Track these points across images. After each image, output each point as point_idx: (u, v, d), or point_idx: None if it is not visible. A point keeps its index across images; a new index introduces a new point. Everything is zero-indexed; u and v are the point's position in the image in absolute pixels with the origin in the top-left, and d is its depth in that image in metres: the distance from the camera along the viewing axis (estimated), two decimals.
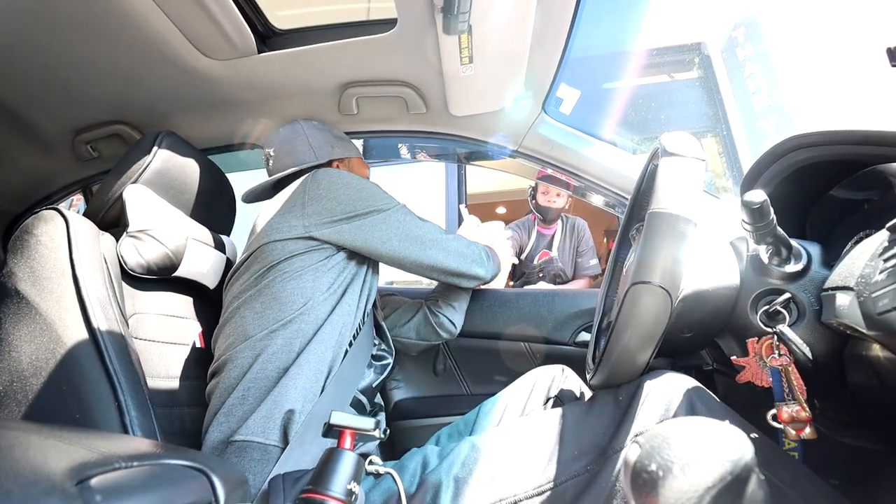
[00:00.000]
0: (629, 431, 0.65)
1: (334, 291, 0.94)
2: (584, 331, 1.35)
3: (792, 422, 0.67)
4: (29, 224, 0.86)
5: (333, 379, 0.89)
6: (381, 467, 0.73)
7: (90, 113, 1.27)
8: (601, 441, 0.67)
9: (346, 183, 0.97)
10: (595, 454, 0.66)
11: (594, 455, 0.65)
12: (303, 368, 0.87)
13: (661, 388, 0.66)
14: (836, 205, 0.83)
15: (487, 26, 0.94)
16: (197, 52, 1.07)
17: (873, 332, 0.53)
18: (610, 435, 0.66)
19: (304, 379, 0.86)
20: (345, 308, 0.95)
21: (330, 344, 0.90)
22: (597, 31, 4.35)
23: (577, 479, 0.64)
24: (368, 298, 1.03)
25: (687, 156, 0.67)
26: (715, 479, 0.36)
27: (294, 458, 0.80)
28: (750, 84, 4.07)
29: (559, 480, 0.65)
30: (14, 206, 1.51)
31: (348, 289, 0.97)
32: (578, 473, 0.65)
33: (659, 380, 0.68)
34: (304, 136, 1.19)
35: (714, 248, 0.82)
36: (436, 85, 1.19)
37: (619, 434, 0.65)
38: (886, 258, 0.53)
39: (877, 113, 3.26)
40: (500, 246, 1.26)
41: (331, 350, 0.90)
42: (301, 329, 0.89)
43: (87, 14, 0.94)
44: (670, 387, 0.66)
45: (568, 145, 1.33)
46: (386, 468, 0.73)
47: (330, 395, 0.87)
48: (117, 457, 0.42)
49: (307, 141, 1.18)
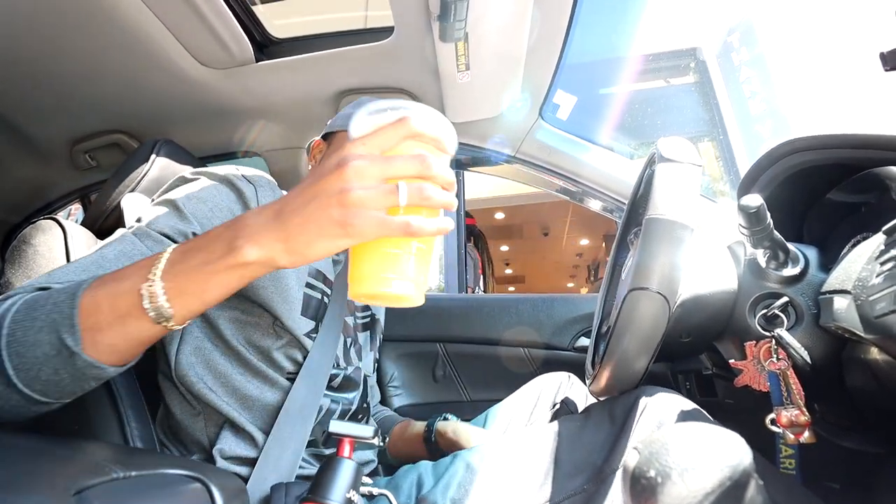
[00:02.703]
0: (625, 449, 0.64)
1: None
2: (584, 336, 1.35)
3: (791, 426, 0.66)
4: (26, 234, 0.86)
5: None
6: (375, 488, 0.72)
7: (88, 122, 1.27)
8: (596, 460, 0.66)
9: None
10: (591, 472, 0.65)
11: (590, 473, 0.65)
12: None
13: (656, 408, 0.66)
14: (833, 208, 0.84)
15: (484, 33, 0.95)
16: (195, 61, 1.07)
17: (871, 336, 0.53)
18: (606, 453, 0.66)
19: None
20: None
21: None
22: (593, 37, 4.38)
23: (575, 497, 0.64)
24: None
25: (683, 161, 0.68)
26: (714, 484, 0.36)
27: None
28: (746, 88, 4.09)
29: (556, 499, 0.65)
30: (12, 216, 1.51)
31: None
32: (576, 492, 0.64)
33: (654, 398, 0.67)
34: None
35: (711, 252, 0.82)
36: (433, 92, 1.19)
37: (614, 453, 0.65)
38: (883, 261, 0.54)
39: (872, 116, 3.28)
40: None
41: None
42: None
43: (85, 24, 0.94)
44: (664, 406, 0.66)
45: (565, 151, 1.34)
46: (380, 489, 0.72)
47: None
48: (115, 467, 0.42)
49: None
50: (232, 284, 0.48)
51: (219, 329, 0.74)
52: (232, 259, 0.45)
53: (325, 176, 0.44)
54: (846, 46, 3.70)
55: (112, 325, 0.46)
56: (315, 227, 0.44)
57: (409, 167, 0.44)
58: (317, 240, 0.44)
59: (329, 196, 0.43)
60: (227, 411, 0.72)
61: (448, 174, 0.47)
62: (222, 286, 0.47)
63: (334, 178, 0.43)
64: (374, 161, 0.44)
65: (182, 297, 0.46)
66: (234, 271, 0.46)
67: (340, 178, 0.43)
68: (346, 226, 0.43)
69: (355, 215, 0.42)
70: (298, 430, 0.75)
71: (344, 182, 0.43)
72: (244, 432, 0.73)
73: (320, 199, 0.43)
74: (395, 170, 0.44)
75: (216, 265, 0.46)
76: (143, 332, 0.47)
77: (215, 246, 0.46)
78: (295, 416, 0.74)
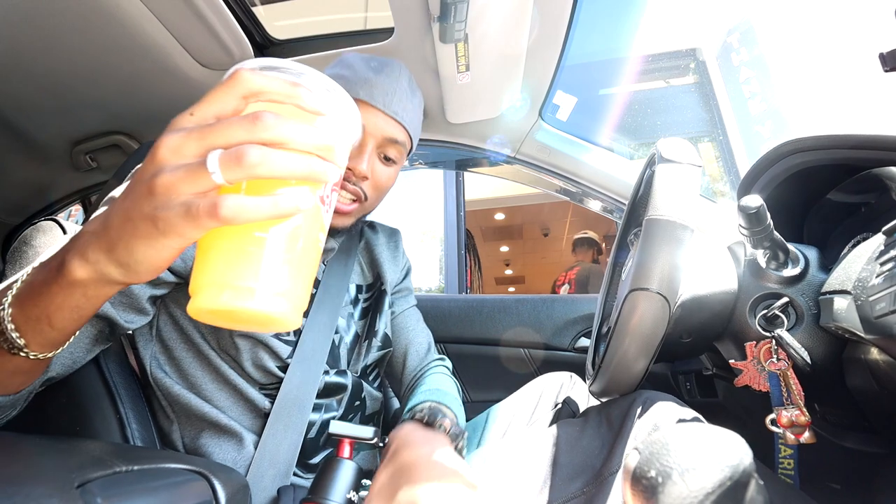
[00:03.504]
0: (622, 452, 0.65)
1: None
2: (584, 336, 1.35)
3: (791, 426, 0.67)
4: (27, 235, 0.86)
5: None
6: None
7: (88, 123, 1.27)
8: (595, 463, 0.67)
9: None
10: (590, 475, 0.66)
11: (589, 476, 0.66)
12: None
13: (652, 411, 0.66)
14: (833, 208, 0.84)
15: (484, 34, 0.95)
16: (195, 62, 1.08)
17: (871, 336, 0.53)
18: (604, 456, 0.66)
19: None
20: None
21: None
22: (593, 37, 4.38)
23: (574, 500, 0.64)
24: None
25: (683, 162, 0.68)
26: (714, 484, 0.36)
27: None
28: (745, 89, 4.09)
29: (556, 503, 0.65)
30: (13, 217, 1.51)
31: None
32: (575, 495, 0.65)
33: (650, 402, 0.67)
34: None
35: (712, 253, 0.82)
36: (433, 93, 1.19)
37: (612, 456, 0.65)
38: (883, 262, 0.54)
39: (872, 117, 3.28)
40: None
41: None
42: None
43: (85, 25, 0.94)
44: (660, 409, 0.66)
45: (565, 151, 1.34)
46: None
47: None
48: (117, 461, 0.42)
49: None
50: (81, 306, 0.40)
51: (188, 332, 0.74)
52: (63, 278, 0.38)
53: (142, 166, 0.35)
54: (846, 47, 3.70)
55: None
56: (130, 227, 0.35)
57: (233, 132, 0.33)
58: (135, 244, 0.35)
59: (140, 185, 0.34)
60: (205, 414, 0.72)
61: (309, 136, 0.34)
62: (68, 309, 0.40)
63: (147, 161, 0.34)
64: (190, 133, 0.34)
65: (29, 323, 0.40)
66: (72, 291, 0.38)
67: (153, 161, 0.34)
68: (156, 221, 0.33)
69: (164, 205, 0.33)
70: (294, 423, 0.73)
71: (156, 165, 0.34)
72: (228, 434, 0.72)
73: (133, 190, 0.35)
74: (215, 137, 0.33)
75: (51, 286, 0.39)
76: (7, 363, 0.43)
77: (52, 263, 0.39)
78: (290, 407, 0.73)
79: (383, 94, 0.76)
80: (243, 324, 0.38)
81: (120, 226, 0.35)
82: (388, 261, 0.98)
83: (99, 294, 0.40)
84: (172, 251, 0.36)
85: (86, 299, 0.40)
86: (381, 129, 0.76)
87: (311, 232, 0.37)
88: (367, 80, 0.76)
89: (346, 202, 0.77)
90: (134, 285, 0.65)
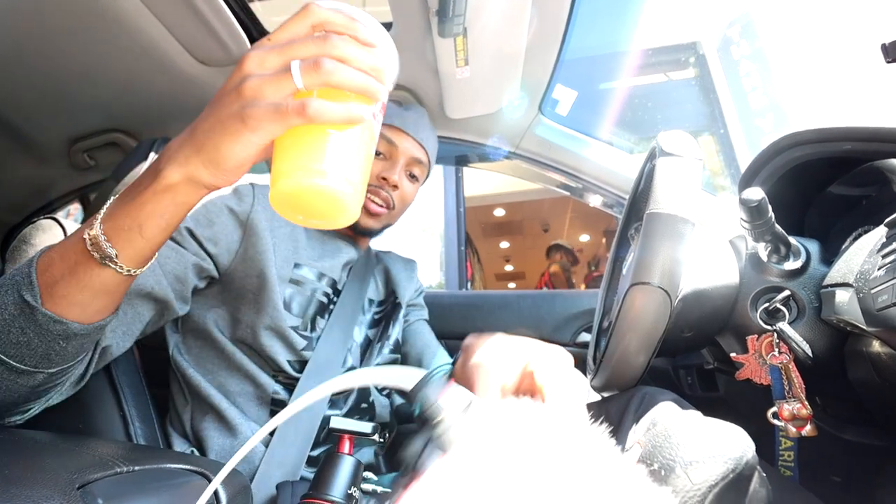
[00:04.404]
0: (620, 451, 0.64)
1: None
2: (585, 331, 1.35)
3: (793, 419, 0.67)
4: (26, 234, 0.86)
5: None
6: (379, 486, 0.72)
7: (86, 121, 1.26)
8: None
9: None
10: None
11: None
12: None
13: (650, 407, 0.65)
14: (834, 201, 0.83)
15: (483, 28, 0.94)
16: (192, 58, 1.07)
17: (873, 329, 0.53)
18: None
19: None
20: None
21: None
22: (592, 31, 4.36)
23: None
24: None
25: (684, 155, 0.67)
26: (717, 477, 0.36)
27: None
28: (746, 82, 4.08)
29: None
30: (12, 216, 1.51)
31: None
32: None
33: (648, 397, 0.67)
34: None
35: (713, 246, 0.82)
36: (432, 88, 1.19)
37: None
38: (885, 254, 0.53)
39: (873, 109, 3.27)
40: None
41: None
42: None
43: (82, 22, 0.94)
44: (659, 405, 0.65)
45: (565, 146, 1.33)
46: (384, 488, 0.72)
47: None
48: (119, 461, 0.42)
49: None
50: (167, 212, 0.46)
51: (208, 328, 0.80)
52: (157, 184, 0.44)
53: (230, 77, 0.42)
54: (847, 39, 3.69)
55: (65, 276, 0.46)
56: (220, 127, 0.42)
57: (308, 48, 0.40)
58: (223, 140, 0.42)
59: (229, 93, 0.41)
60: (218, 406, 0.76)
61: (366, 58, 0.41)
62: (156, 216, 0.46)
63: (235, 74, 0.42)
64: (271, 49, 0.41)
65: (121, 233, 0.46)
66: (163, 196, 0.45)
67: (240, 72, 0.41)
68: (244, 118, 0.40)
69: (252, 104, 0.40)
70: (304, 427, 0.75)
71: (243, 73, 0.41)
72: (226, 422, 0.75)
73: (222, 98, 0.42)
74: (293, 52, 0.41)
75: (144, 195, 0.45)
76: (94, 278, 0.47)
77: (144, 177, 0.46)
78: (302, 412, 0.74)
79: (413, 125, 0.97)
80: (314, 212, 0.44)
81: (209, 128, 0.42)
82: (404, 280, 1.07)
83: (187, 200, 0.46)
84: (255, 147, 0.42)
85: (174, 206, 0.46)
86: (410, 150, 0.96)
87: (367, 136, 0.44)
88: (400, 114, 0.97)
89: (378, 205, 0.93)
90: (185, 274, 0.74)
